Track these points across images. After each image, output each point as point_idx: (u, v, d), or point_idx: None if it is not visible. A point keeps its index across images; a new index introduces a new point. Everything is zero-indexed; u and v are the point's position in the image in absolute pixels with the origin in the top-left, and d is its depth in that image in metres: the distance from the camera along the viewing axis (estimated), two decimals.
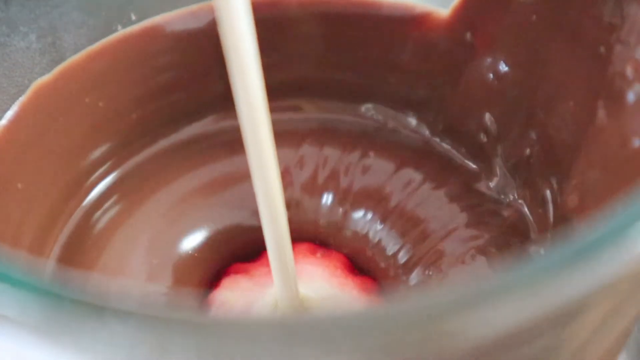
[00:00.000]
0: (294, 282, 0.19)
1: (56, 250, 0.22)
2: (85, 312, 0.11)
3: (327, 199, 0.24)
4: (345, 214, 0.24)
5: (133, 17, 0.24)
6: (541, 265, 0.11)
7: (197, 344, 0.11)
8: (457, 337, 0.11)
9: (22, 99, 0.22)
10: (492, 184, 0.23)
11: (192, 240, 0.23)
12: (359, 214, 0.24)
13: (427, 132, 0.25)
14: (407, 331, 0.11)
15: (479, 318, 0.11)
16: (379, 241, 0.23)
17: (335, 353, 0.11)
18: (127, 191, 0.24)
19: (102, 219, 0.23)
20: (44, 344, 0.12)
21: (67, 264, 0.22)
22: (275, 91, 0.24)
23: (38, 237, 0.22)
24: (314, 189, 0.24)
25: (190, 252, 0.23)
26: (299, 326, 0.11)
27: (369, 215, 0.24)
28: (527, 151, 0.22)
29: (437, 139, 0.25)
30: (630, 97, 0.18)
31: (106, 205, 0.24)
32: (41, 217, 0.22)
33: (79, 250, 0.23)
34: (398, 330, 0.11)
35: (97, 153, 0.24)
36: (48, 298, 0.11)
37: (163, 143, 0.25)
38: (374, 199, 0.24)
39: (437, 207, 0.23)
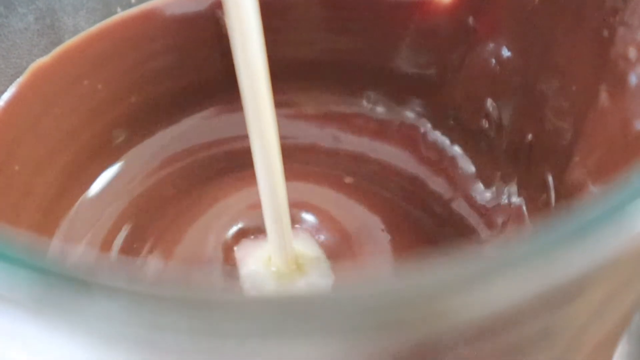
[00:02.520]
0: (289, 236, 0.19)
1: (57, 233, 0.22)
2: (76, 289, 0.11)
3: None
4: None
5: (132, 0, 0.24)
6: (538, 244, 0.11)
7: (188, 321, 0.11)
8: (452, 317, 0.11)
9: (20, 81, 0.22)
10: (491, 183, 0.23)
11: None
12: None
13: (427, 118, 0.25)
14: (401, 311, 0.11)
15: (474, 298, 0.11)
16: None
17: (330, 332, 0.11)
18: (127, 174, 0.24)
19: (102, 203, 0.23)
20: (34, 320, 0.12)
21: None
22: (276, 76, 0.24)
23: (37, 220, 0.22)
24: None
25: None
26: (292, 305, 0.11)
27: None
28: (529, 136, 0.22)
29: (438, 124, 0.25)
30: (633, 79, 0.18)
31: (105, 189, 0.24)
32: (39, 200, 0.22)
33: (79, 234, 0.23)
34: (393, 309, 0.11)
35: (95, 135, 0.24)
36: (38, 274, 0.11)
37: (162, 128, 0.25)
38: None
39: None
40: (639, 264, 0.14)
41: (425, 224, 0.23)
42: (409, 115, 0.25)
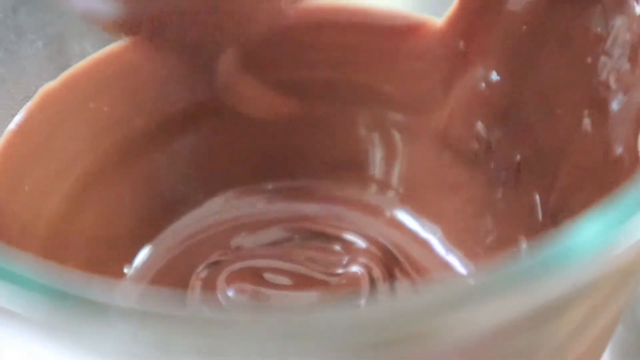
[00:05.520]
0: None
1: (66, 253, 0.23)
2: (90, 310, 0.12)
3: None
4: None
5: None
6: (520, 269, 0.12)
7: (198, 342, 0.12)
8: (440, 336, 0.12)
9: (30, 105, 0.23)
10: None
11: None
12: None
13: (419, 140, 0.26)
14: (397, 329, 0.12)
15: (461, 318, 0.12)
16: None
17: (329, 351, 0.12)
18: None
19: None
20: (50, 341, 0.12)
21: None
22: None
23: (46, 241, 0.23)
24: None
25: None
26: (292, 324, 0.12)
27: None
28: (518, 157, 0.23)
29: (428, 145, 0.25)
30: (614, 106, 0.19)
31: None
32: (49, 220, 0.23)
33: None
34: (388, 328, 0.12)
35: (101, 157, 0.24)
36: (53, 296, 0.12)
37: (167, 149, 0.26)
38: None
39: None
40: (616, 284, 0.15)
41: None
42: (398, 137, 0.26)
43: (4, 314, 0.12)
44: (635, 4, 0.19)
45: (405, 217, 0.26)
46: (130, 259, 0.25)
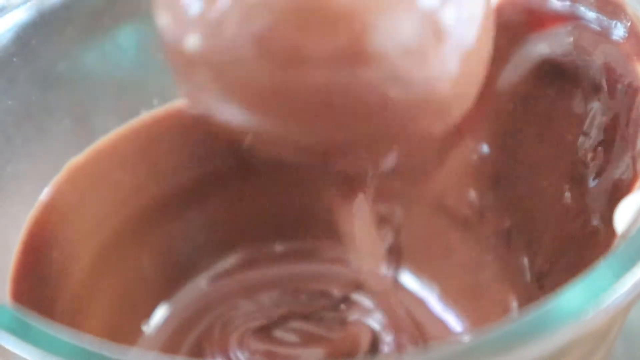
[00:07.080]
0: None
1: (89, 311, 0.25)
2: None
3: None
4: None
5: (155, 102, 0.26)
6: (510, 330, 0.14)
7: None
8: None
9: (58, 177, 0.24)
10: None
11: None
12: None
13: (417, 207, 0.27)
14: None
15: None
16: None
17: None
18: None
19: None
20: None
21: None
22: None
23: (72, 299, 0.24)
24: None
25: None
26: None
27: None
28: (507, 223, 0.25)
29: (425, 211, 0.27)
30: (591, 182, 0.21)
31: None
32: (74, 281, 0.24)
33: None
34: None
35: (122, 223, 0.26)
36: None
37: (182, 214, 0.27)
38: None
39: None
40: (595, 341, 0.16)
41: None
42: (391, 205, 0.27)
43: None
44: (607, 91, 0.20)
45: (404, 277, 0.27)
46: (147, 316, 0.27)
